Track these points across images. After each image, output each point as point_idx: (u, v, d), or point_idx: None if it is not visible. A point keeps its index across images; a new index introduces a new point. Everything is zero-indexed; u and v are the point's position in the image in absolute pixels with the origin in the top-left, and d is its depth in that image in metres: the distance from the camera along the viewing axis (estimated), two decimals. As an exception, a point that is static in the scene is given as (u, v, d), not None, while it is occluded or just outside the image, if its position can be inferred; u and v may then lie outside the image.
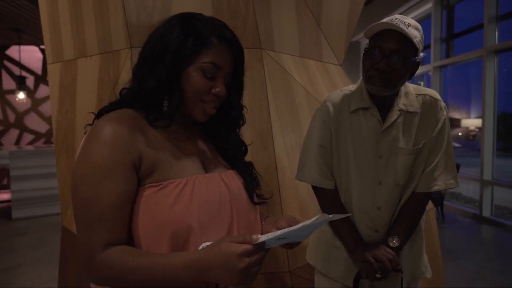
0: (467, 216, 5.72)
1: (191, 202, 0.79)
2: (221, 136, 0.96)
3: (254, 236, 0.70)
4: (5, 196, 6.66)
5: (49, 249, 4.03)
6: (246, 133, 1.41)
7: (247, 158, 1.03)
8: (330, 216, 0.71)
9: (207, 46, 0.83)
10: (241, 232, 0.87)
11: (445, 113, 1.29)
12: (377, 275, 1.20)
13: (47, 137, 8.34)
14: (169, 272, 0.71)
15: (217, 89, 0.85)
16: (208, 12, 1.79)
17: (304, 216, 1.78)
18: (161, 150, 0.83)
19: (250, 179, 0.96)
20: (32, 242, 4.31)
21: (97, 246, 0.74)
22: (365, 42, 9.24)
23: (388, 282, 1.30)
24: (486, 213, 5.45)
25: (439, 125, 1.27)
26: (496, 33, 5.38)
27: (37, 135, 8.29)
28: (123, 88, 0.89)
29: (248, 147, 1.04)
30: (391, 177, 1.27)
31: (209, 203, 0.82)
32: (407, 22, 1.13)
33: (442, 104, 1.29)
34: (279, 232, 0.71)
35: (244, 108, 0.97)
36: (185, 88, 0.83)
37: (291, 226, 0.83)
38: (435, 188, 1.28)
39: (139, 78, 0.84)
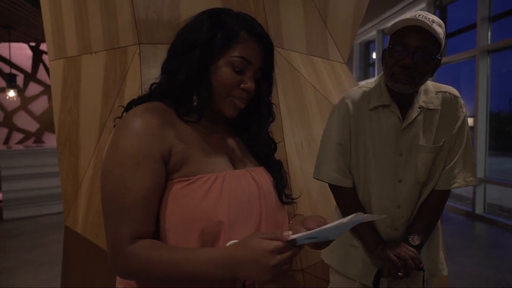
0: (460, 213, 5.79)
1: (221, 198, 0.78)
2: (251, 133, 0.95)
3: (285, 233, 0.68)
4: (-6, 196, 6.51)
5: (42, 250, 3.95)
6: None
7: None
8: (366, 215, 0.70)
9: (236, 40, 0.82)
10: (269, 230, 0.85)
11: (464, 110, 1.28)
12: (399, 273, 1.19)
13: (37, 136, 8.18)
14: (198, 267, 0.70)
15: (246, 84, 0.84)
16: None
17: (315, 213, 1.76)
18: (191, 144, 0.82)
19: (280, 178, 0.94)
20: (25, 244, 4.21)
21: (124, 238, 0.73)
22: (357, 42, 9.29)
23: (408, 281, 1.30)
24: (479, 210, 5.53)
25: (459, 122, 1.26)
26: (489, 33, 5.45)
27: (27, 134, 8.12)
28: (153, 83, 0.88)
29: None
30: (412, 174, 1.26)
31: (238, 199, 0.81)
32: (431, 19, 1.12)
33: (462, 101, 1.29)
34: (311, 231, 0.69)
35: (273, 105, 0.96)
36: (214, 82, 0.82)
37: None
38: (455, 185, 1.28)
39: (168, 72, 0.84)
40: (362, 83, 1.42)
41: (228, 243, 0.74)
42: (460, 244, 4.34)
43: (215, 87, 0.82)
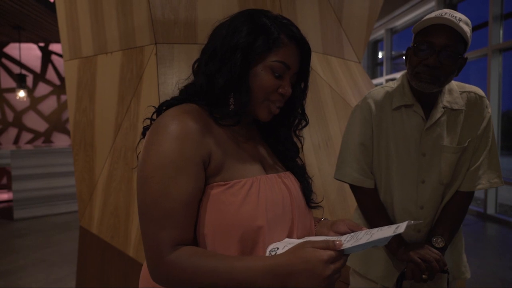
0: (471, 214, 5.73)
1: (259, 203, 0.77)
2: (280, 137, 0.93)
3: (337, 242, 0.67)
4: (4, 196, 6.56)
5: (52, 250, 3.97)
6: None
7: None
8: (412, 222, 0.70)
9: (277, 45, 0.81)
10: (299, 235, 0.84)
11: (489, 110, 1.26)
12: (424, 276, 1.17)
13: (46, 136, 8.24)
14: (248, 276, 0.68)
15: (284, 89, 0.83)
16: (234, 6, 1.76)
17: (333, 215, 1.75)
18: (227, 149, 0.81)
19: (306, 182, 0.94)
20: (35, 243, 4.24)
21: (166, 245, 0.70)
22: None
23: (431, 283, 1.28)
24: (491, 211, 5.47)
25: (484, 123, 1.24)
26: (501, 31, 5.39)
27: (36, 134, 8.18)
28: (187, 84, 0.87)
29: None
30: (435, 175, 1.24)
31: (274, 204, 0.80)
32: (458, 17, 1.10)
33: (487, 101, 1.26)
34: (363, 241, 0.67)
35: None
36: (253, 87, 0.81)
37: (352, 231, 0.81)
38: (479, 187, 1.26)
39: (208, 74, 0.82)
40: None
41: (268, 248, 0.74)
42: (472, 245, 4.29)
43: (254, 91, 0.81)
